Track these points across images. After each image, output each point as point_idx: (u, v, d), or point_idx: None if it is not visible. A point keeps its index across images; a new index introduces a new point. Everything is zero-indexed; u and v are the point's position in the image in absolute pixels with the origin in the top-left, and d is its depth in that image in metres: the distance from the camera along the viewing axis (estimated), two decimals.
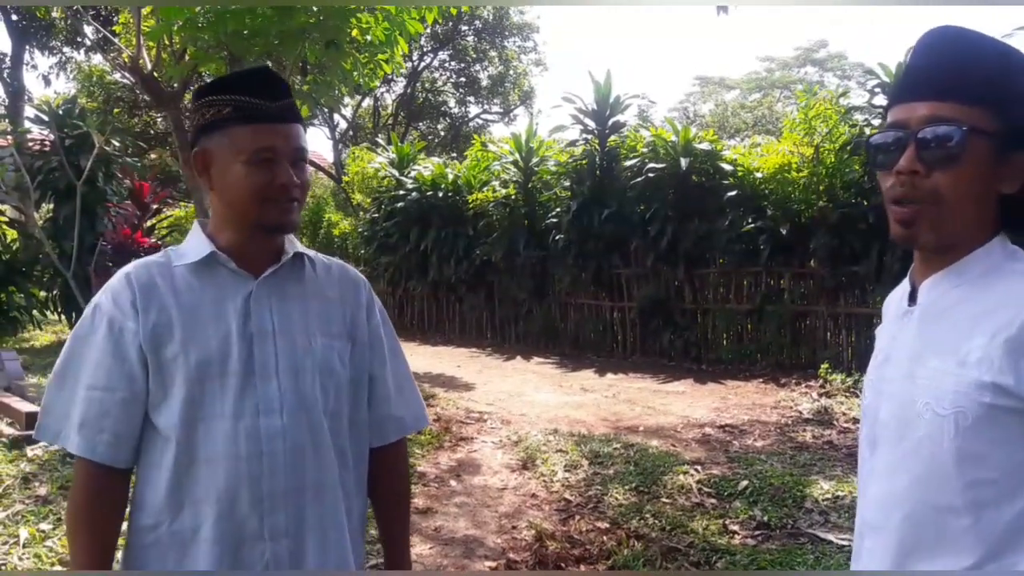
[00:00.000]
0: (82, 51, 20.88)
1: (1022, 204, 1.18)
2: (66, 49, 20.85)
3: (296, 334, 1.50)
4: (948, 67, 1.16)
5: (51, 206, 10.77)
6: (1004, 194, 1.17)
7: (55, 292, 11.17)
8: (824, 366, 8.09)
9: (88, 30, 18.76)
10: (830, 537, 4.15)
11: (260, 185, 1.44)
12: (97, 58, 20.81)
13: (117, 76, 20.71)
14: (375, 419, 1.63)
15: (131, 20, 10.02)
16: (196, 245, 1.50)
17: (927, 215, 1.16)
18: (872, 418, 1.28)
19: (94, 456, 1.41)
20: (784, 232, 8.90)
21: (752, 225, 9.23)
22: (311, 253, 1.59)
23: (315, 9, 7.64)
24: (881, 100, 8.49)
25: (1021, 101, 1.14)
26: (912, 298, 1.26)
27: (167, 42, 9.24)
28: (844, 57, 31.35)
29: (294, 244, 1.56)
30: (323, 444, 1.50)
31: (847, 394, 7.35)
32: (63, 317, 11.93)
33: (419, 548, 4.15)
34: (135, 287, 1.44)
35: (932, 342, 1.18)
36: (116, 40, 10.86)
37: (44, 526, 4.07)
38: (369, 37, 8.23)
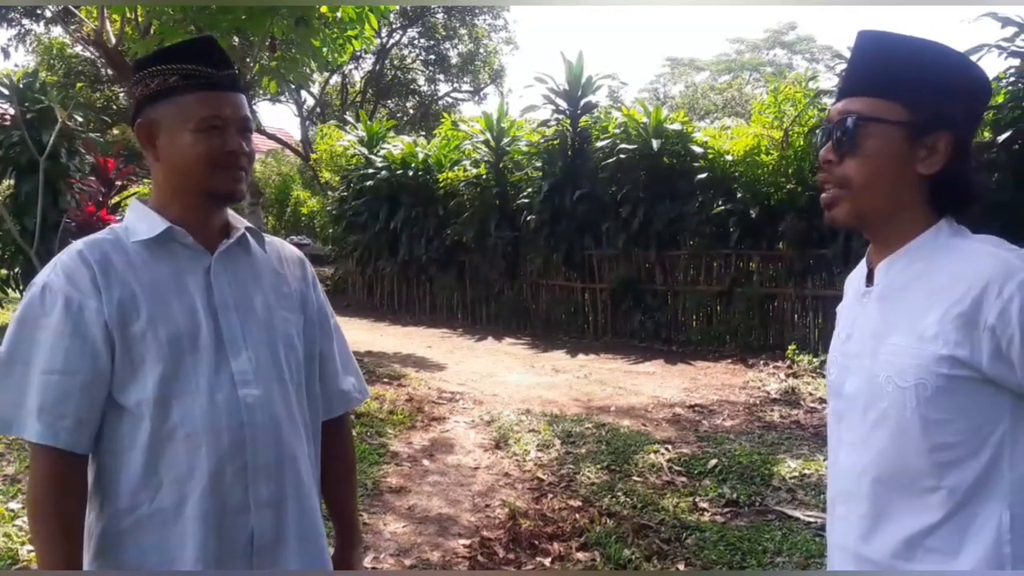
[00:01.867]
0: (42, 23, 20.35)
1: (951, 184, 1.27)
2: (25, 21, 20.32)
3: (257, 308, 1.50)
4: (863, 66, 1.30)
5: (12, 182, 10.53)
6: (930, 175, 1.26)
7: (16, 270, 10.96)
8: (792, 347, 8.21)
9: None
10: (797, 514, 4.23)
11: (210, 151, 1.43)
12: (57, 30, 20.31)
13: (78, 49, 20.24)
14: (325, 393, 1.65)
15: None
16: (147, 221, 1.46)
17: (842, 198, 1.29)
18: (837, 393, 1.37)
19: (56, 442, 1.35)
20: (753, 215, 8.99)
21: (722, 207, 9.31)
22: (254, 227, 1.58)
23: None
24: None
25: (931, 89, 1.25)
26: (869, 279, 1.35)
27: (131, 15, 9.05)
28: (813, 40, 31.55)
29: (237, 219, 1.57)
30: (294, 416, 1.51)
31: (814, 375, 7.47)
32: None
33: (393, 526, 4.16)
34: (93, 265, 1.39)
35: (891, 320, 1.27)
36: (77, 12, 10.62)
37: (13, 505, 4.02)
38: (339, 15, 8.13)
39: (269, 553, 1.46)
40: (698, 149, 9.76)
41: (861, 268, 1.42)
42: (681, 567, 3.75)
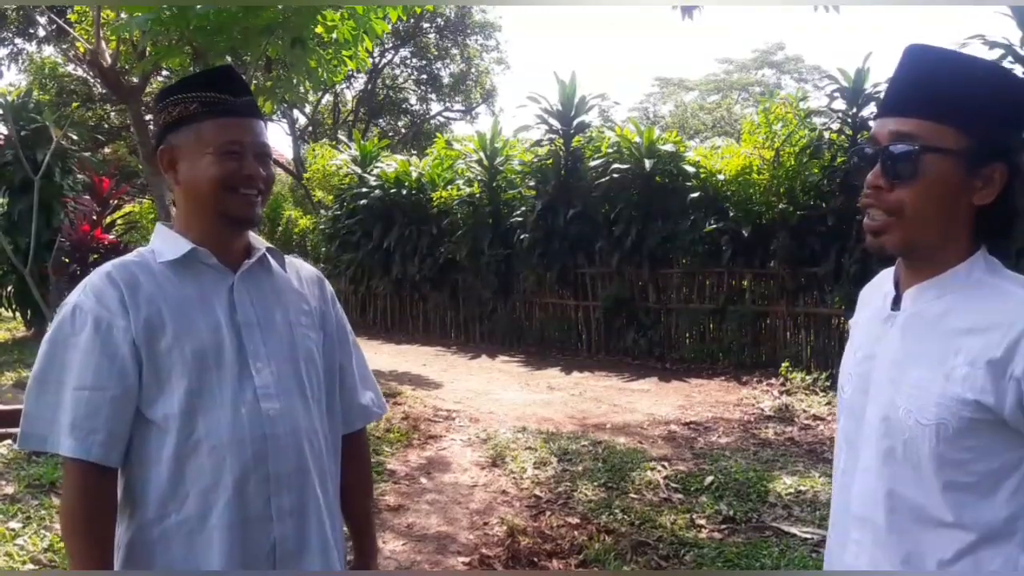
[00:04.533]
0: (34, 42, 20.42)
1: (999, 215, 1.24)
2: (18, 40, 20.37)
3: (278, 324, 1.56)
4: (917, 85, 1.23)
5: (6, 201, 10.55)
6: (981, 206, 1.22)
7: (10, 289, 10.95)
8: (784, 365, 8.26)
9: (42, 20, 18.35)
10: (793, 530, 4.27)
11: (227, 175, 1.48)
12: (49, 49, 20.37)
13: (70, 68, 20.28)
14: (344, 407, 1.70)
15: (88, 11, 9.84)
16: (172, 243, 1.52)
17: (892, 226, 1.24)
18: (857, 415, 1.34)
19: (89, 456, 1.40)
20: (745, 234, 9.06)
21: (714, 226, 9.38)
22: (274, 248, 1.64)
23: (281, 7, 7.59)
24: (840, 104, 8.68)
25: (989, 116, 1.20)
26: (895, 303, 1.32)
27: (127, 35, 9.10)
28: (801, 60, 31.84)
29: (258, 240, 1.63)
30: (315, 428, 1.57)
31: (807, 392, 7.52)
32: (17, 315, 11.68)
33: (392, 544, 4.17)
34: (121, 285, 1.45)
35: (916, 352, 1.25)
36: (71, 31, 10.66)
37: (13, 524, 4.01)
38: (335, 36, 8.19)
39: (292, 562, 1.50)
40: (690, 168, 9.85)
41: (882, 285, 1.40)
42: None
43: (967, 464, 1.19)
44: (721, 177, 9.68)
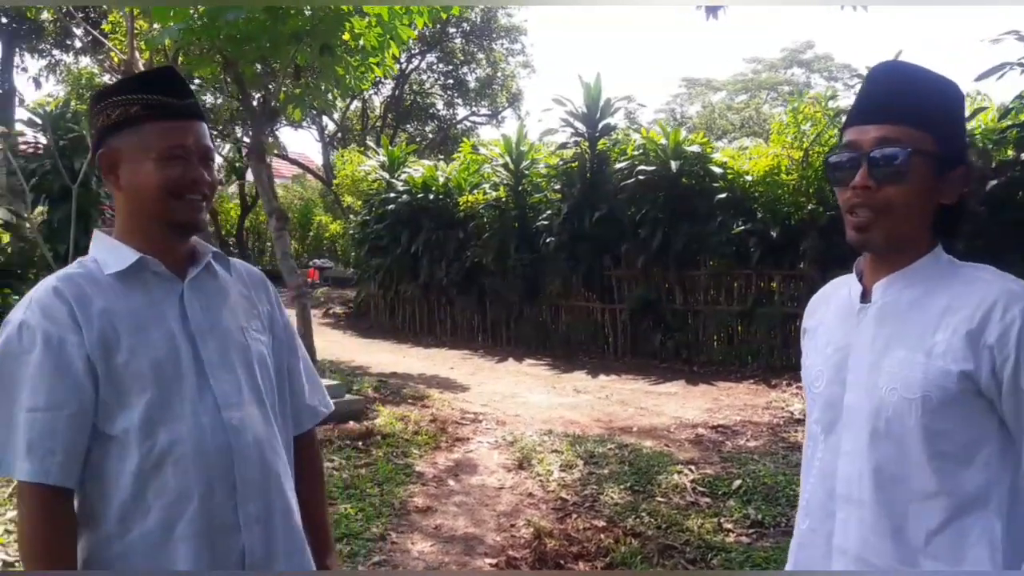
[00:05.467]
0: (71, 53, 20.80)
1: (956, 213, 1.37)
2: (55, 51, 20.78)
3: (231, 331, 1.53)
4: (896, 95, 1.35)
5: (45, 209, 10.75)
6: (942, 205, 1.35)
7: None
8: None
9: (78, 32, 18.71)
10: None
11: (171, 181, 1.44)
12: (85, 60, 20.73)
13: (106, 78, 20.64)
14: (294, 409, 1.69)
15: (121, 20, 10.03)
16: (116, 252, 1.47)
17: (878, 222, 1.34)
18: (835, 404, 1.42)
19: (48, 479, 1.34)
20: (774, 234, 9.02)
21: (742, 227, 9.34)
22: (219, 252, 1.61)
23: (308, 14, 7.68)
24: None
25: (953, 125, 1.36)
26: (864, 296, 1.42)
27: (159, 46, 9.26)
28: (831, 58, 31.60)
29: (203, 244, 1.59)
30: (273, 433, 1.55)
31: None
32: None
33: (420, 545, 4.21)
34: (70, 300, 1.39)
35: (896, 335, 1.34)
36: (106, 41, 10.87)
37: None
38: (362, 42, 8.28)
39: (261, 567, 1.49)
40: (717, 170, 9.82)
41: (839, 287, 1.52)
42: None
43: (950, 434, 1.28)
44: (749, 178, 9.64)
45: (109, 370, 1.39)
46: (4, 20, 18.48)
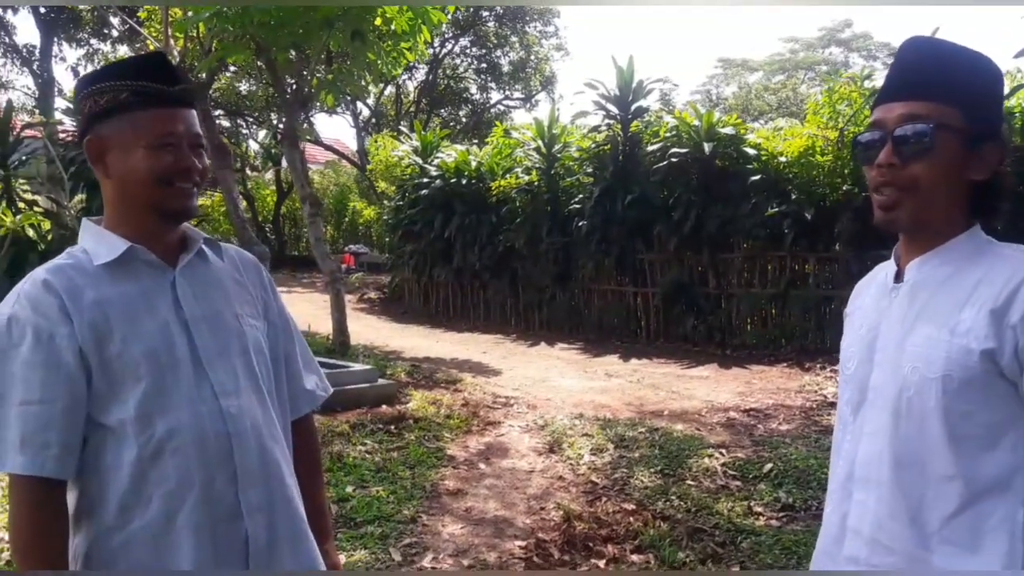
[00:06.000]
0: (108, 42, 21.11)
1: (991, 191, 1.33)
2: (93, 41, 21.10)
3: (225, 318, 1.51)
4: (921, 71, 1.32)
5: (84, 196, 10.96)
6: (975, 182, 1.31)
7: None
8: None
9: (114, 21, 18.98)
10: None
11: (163, 169, 1.42)
12: (123, 49, 21.03)
13: None
14: (291, 394, 1.68)
15: (157, 10, 10.16)
16: (106, 242, 1.45)
17: (905, 201, 1.32)
18: (861, 384, 1.40)
19: (42, 472, 1.33)
20: (809, 216, 8.91)
21: (776, 209, 9.24)
22: (209, 238, 1.59)
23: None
24: None
25: (984, 100, 1.31)
26: (898, 276, 1.40)
27: (193, 33, 9.37)
28: (869, 37, 31.01)
29: (192, 230, 1.57)
30: (271, 420, 1.54)
31: None
32: None
33: (451, 528, 4.26)
34: (60, 292, 1.38)
35: (924, 313, 1.31)
36: (141, 30, 11.01)
37: None
38: (393, 27, 8.30)
39: (264, 556, 1.48)
40: (751, 151, 9.71)
41: (877, 273, 1.50)
42: (736, 570, 3.77)
43: (972, 415, 1.24)
44: (783, 159, 9.52)
45: (102, 361, 1.38)
46: (43, 10, 18.79)
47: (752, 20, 74.77)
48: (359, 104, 25.72)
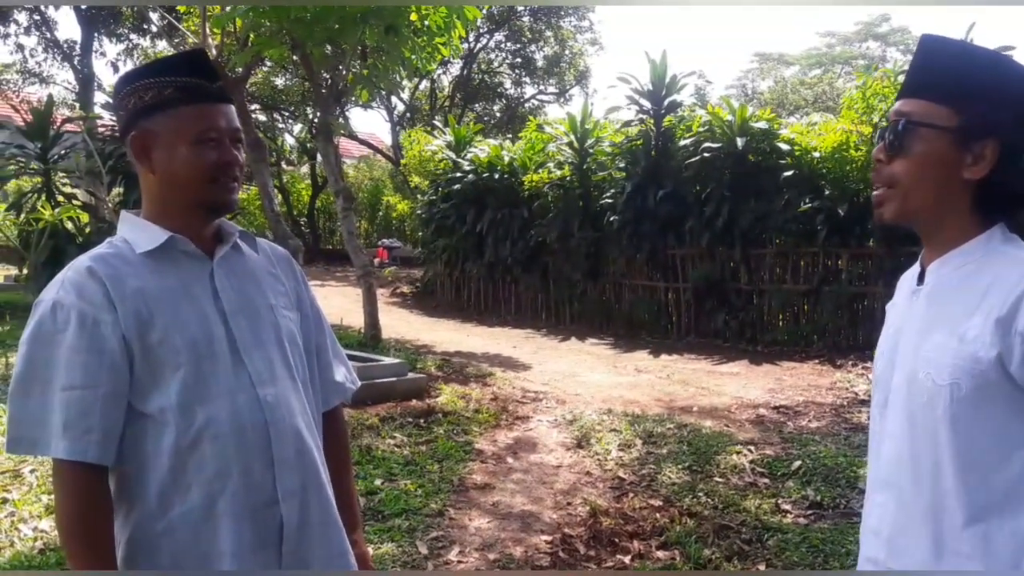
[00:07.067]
0: (148, 37, 21.42)
1: (1000, 191, 1.31)
2: (133, 36, 21.43)
3: (260, 309, 1.55)
4: (921, 70, 1.35)
5: (121, 190, 11.17)
6: (978, 180, 1.29)
7: None
8: None
9: (154, 16, 19.27)
10: None
11: (208, 165, 1.47)
12: (162, 44, 21.35)
13: None
14: (322, 386, 1.71)
15: (195, 7, 10.31)
16: (147, 232, 1.49)
17: (890, 197, 1.35)
18: (886, 384, 1.41)
19: (86, 457, 1.36)
20: (842, 212, 8.82)
21: (809, 205, 9.16)
22: (244, 231, 1.64)
23: None
24: None
25: (981, 98, 1.29)
26: (920, 278, 1.40)
27: (230, 28, 9.50)
28: (907, 31, 30.41)
29: (229, 224, 1.61)
30: (305, 410, 1.58)
31: None
32: None
33: (478, 522, 4.30)
34: (103, 279, 1.41)
35: (937, 319, 1.31)
36: (180, 26, 11.17)
37: None
38: (427, 23, 8.35)
39: (295, 537, 1.52)
40: (784, 146, 9.62)
41: (915, 268, 1.47)
42: (762, 568, 3.77)
43: (979, 426, 1.23)
44: (817, 154, 9.42)
45: (144, 349, 1.42)
46: (83, 6, 19.13)
47: (789, 15, 73.84)
48: (394, 99, 25.83)
